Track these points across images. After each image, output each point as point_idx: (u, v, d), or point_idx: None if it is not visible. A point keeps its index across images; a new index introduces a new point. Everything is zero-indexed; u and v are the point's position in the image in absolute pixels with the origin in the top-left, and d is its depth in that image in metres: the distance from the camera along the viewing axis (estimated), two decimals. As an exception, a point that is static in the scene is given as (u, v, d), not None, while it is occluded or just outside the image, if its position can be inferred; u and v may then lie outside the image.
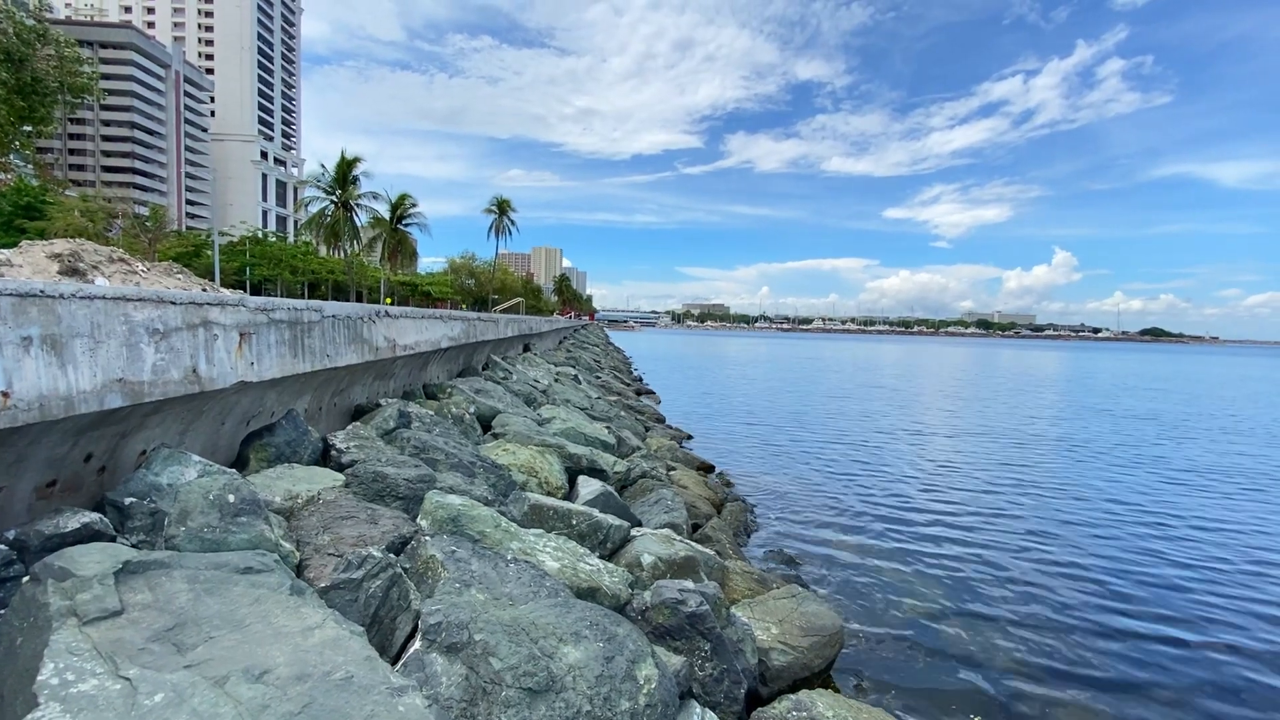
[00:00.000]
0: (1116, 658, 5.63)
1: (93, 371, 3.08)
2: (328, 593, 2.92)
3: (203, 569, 2.64)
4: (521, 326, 23.05)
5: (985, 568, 7.65)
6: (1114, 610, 6.54)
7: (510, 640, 2.85)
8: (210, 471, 3.46)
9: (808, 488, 11.51)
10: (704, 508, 8.53)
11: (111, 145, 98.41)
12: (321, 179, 45.92)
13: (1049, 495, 11.12)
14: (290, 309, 5.05)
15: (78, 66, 26.94)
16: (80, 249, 13.21)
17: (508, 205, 67.89)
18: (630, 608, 4.15)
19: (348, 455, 5.10)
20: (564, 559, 4.30)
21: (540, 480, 6.78)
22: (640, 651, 3.26)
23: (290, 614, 2.59)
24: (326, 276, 61.62)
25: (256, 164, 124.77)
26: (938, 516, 9.73)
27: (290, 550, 3.21)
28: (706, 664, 3.96)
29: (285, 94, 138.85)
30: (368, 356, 6.78)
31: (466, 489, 5.14)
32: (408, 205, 52.26)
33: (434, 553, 3.49)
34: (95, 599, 2.26)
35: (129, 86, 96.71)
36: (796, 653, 4.70)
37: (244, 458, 4.73)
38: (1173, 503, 10.85)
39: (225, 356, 4.17)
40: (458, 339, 11.19)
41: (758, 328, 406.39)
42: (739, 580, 5.96)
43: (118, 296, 3.26)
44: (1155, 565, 7.80)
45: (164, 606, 2.38)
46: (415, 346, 8.55)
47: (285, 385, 5.27)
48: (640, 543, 5.35)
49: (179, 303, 3.71)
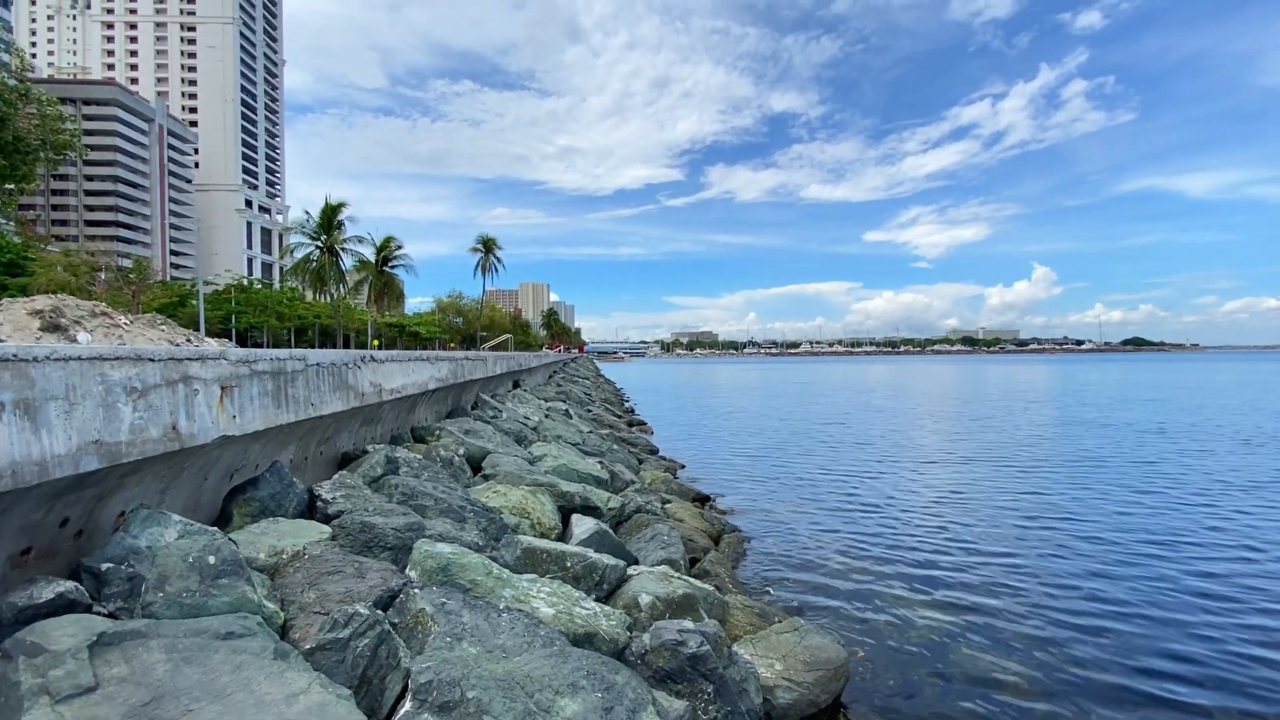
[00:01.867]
0: (1130, 678, 5.53)
1: (68, 434, 3.01)
2: (313, 654, 2.82)
3: (181, 637, 2.54)
4: (510, 363, 22.99)
5: (991, 591, 7.54)
6: (1128, 631, 6.41)
7: (504, 696, 2.75)
8: (190, 531, 3.36)
9: (805, 515, 11.40)
10: (701, 540, 8.42)
11: (95, 199, 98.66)
12: (306, 225, 46.12)
13: (1054, 515, 10.96)
14: (273, 359, 5.00)
15: (60, 124, 27.12)
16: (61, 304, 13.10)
17: (493, 243, 68.42)
18: (629, 651, 4.05)
19: (334, 505, 4.99)
20: (559, 604, 4.20)
21: (533, 521, 6.67)
22: (640, 699, 3.16)
23: (274, 680, 2.50)
24: (313, 321, 61.47)
25: (241, 212, 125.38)
26: (938, 539, 9.64)
27: (274, 610, 3.11)
28: (710, 707, 3.84)
29: (269, 143, 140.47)
30: (354, 403, 6.71)
31: (456, 535, 5.04)
32: (393, 247, 52.50)
33: (423, 606, 3.39)
34: (69, 675, 2.17)
35: (112, 141, 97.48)
36: (802, 689, 4.59)
37: (227, 513, 4.62)
38: (1193, 518, 10.60)
39: (206, 411, 4.10)
40: (445, 380, 11.12)
41: (746, 353, 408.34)
42: (739, 615, 5.85)
43: (94, 356, 3.21)
44: (1172, 584, 7.65)
45: (140, 679, 2.28)
46: (402, 390, 8.48)
47: (269, 436, 5.19)
48: (637, 582, 5.25)
49: (158, 359, 3.66)
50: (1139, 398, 37.74)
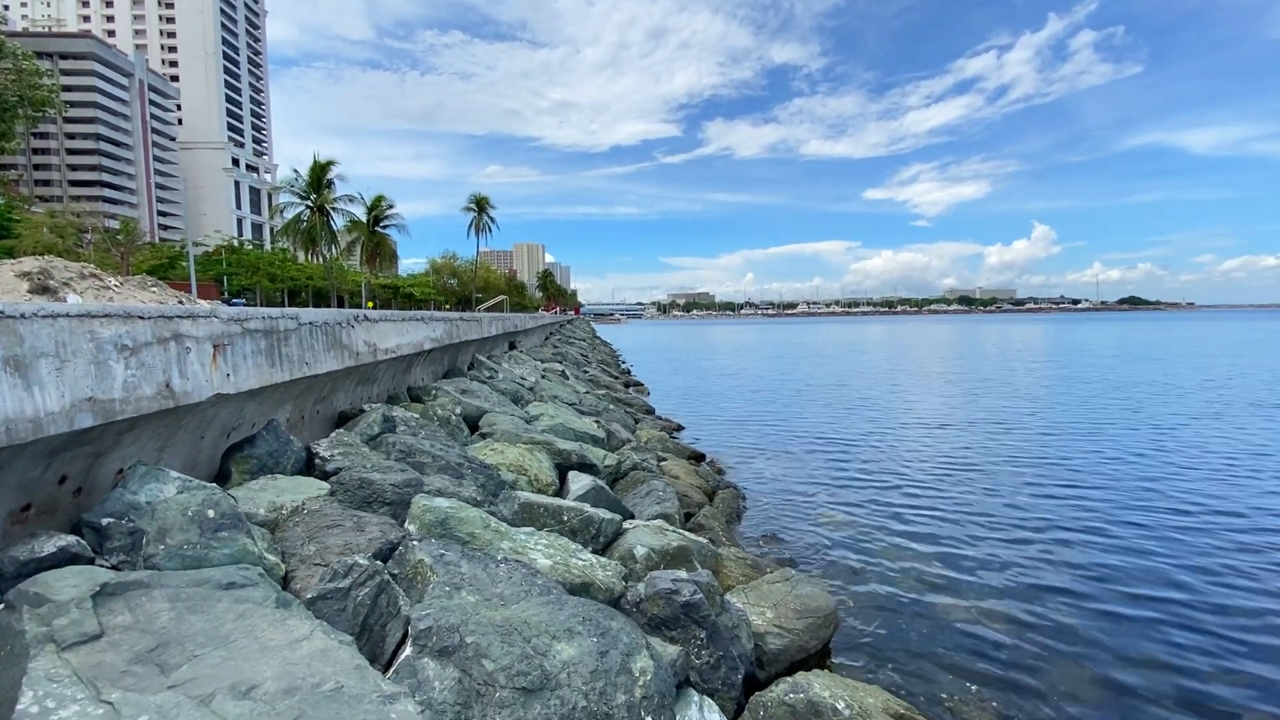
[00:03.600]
0: (1114, 627, 5.70)
1: (60, 391, 3.01)
2: (315, 603, 2.88)
3: (184, 587, 2.60)
4: (506, 324, 22.92)
5: (980, 546, 7.72)
6: (1113, 583, 6.56)
7: (502, 641, 2.84)
8: (189, 487, 3.40)
9: (799, 472, 11.58)
10: (696, 496, 8.56)
11: (77, 158, 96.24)
12: (295, 184, 45.19)
13: (1049, 475, 11.04)
14: (265, 318, 4.97)
15: (37, 79, 26.25)
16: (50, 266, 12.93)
17: (486, 202, 67.31)
18: (625, 600, 4.16)
19: (332, 463, 5.04)
20: (556, 556, 4.29)
21: (530, 478, 6.75)
22: (635, 644, 3.26)
23: (277, 627, 2.56)
24: (306, 282, 60.85)
25: (228, 171, 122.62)
26: (931, 497, 9.81)
27: (275, 562, 3.17)
28: (703, 652, 3.97)
29: (254, 99, 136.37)
30: (348, 362, 6.70)
31: (455, 491, 5.11)
32: (384, 207, 51.65)
33: (422, 557, 3.46)
34: (73, 623, 2.22)
35: (92, 98, 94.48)
36: (792, 635, 4.74)
37: (225, 471, 4.66)
38: (1188, 478, 10.57)
39: (199, 370, 4.09)
40: (440, 340, 11.10)
41: (744, 315, 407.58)
42: (733, 566, 5.99)
43: (82, 314, 3.18)
44: (1161, 539, 7.76)
45: (145, 627, 2.34)
46: (397, 350, 8.46)
47: (264, 395, 5.19)
48: (633, 535, 5.36)
49: (148, 317, 3.63)
50: (1139, 356, 37.94)
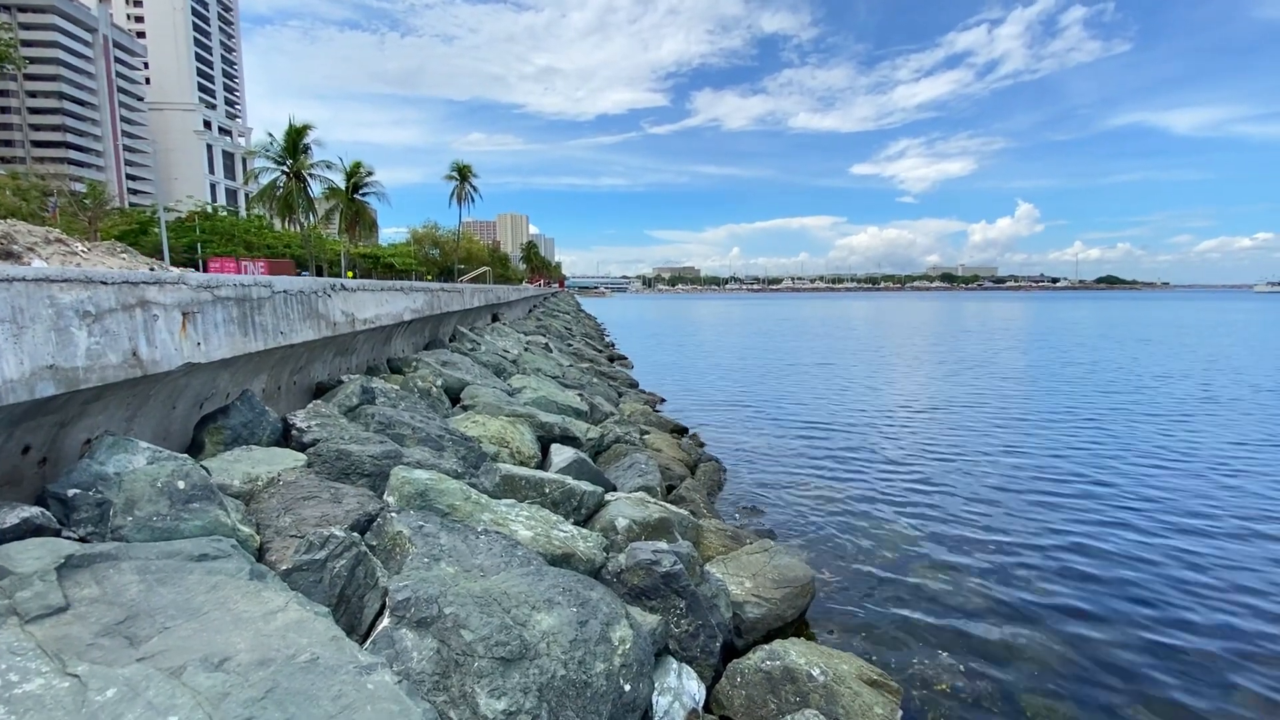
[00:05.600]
0: (1088, 600, 5.85)
1: (19, 359, 2.90)
2: (290, 575, 2.85)
3: (154, 559, 2.54)
4: (489, 296, 22.65)
5: (956, 518, 7.87)
6: (1090, 556, 6.72)
7: (481, 611, 2.83)
8: (159, 458, 3.32)
9: (779, 446, 11.69)
10: (678, 469, 8.61)
11: (40, 118, 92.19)
12: (270, 149, 43.74)
13: (1027, 450, 11.21)
14: (237, 285, 4.83)
15: (-8, 32, 24.93)
16: (13, 230, 12.44)
17: (469, 171, 65.88)
18: (605, 571, 4.18)
19: (309, 434, 4.97)
20: (537, 527, 4.29)
21: (512, 450, 6.73)
22: (614, 614, 3.28)
23: (251, 599, 2.53)
24: (283, 251, 59.43)
25: (200, 134, 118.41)
26: (909, 471, 9.97)
27: (249, 534, 3.13)
28: (682, 621, 4.02)
29: (225, 58, 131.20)
30: (325, 332, 6.57)
31: (435, 463, 5.07)
32: (364, 174, 50.29)
33: (401, 529, 3.44)
34: (36, 596, 2.16)
35: (54, 54, 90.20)
36: (770, 604, 4.82)
37: (199, 442, 4.57)
38: (1164, 454, 10.72)
39: (168, 338, 3.97)
40: (421, 311, 10.93)
41: (729, 289, 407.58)
42: (713, 538, 6.06)
43: (39, 278, 3.05)
44: (1136, 515, 7.95)
45: (113, 600, 2.29)
46: (376, 320, 8.32)
47: (238, 365, 5.08)
48: (614, 507, 5.38)
49: (111, 282, 3.50)
50: (1118, 336, 38.69)
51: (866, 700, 3.74)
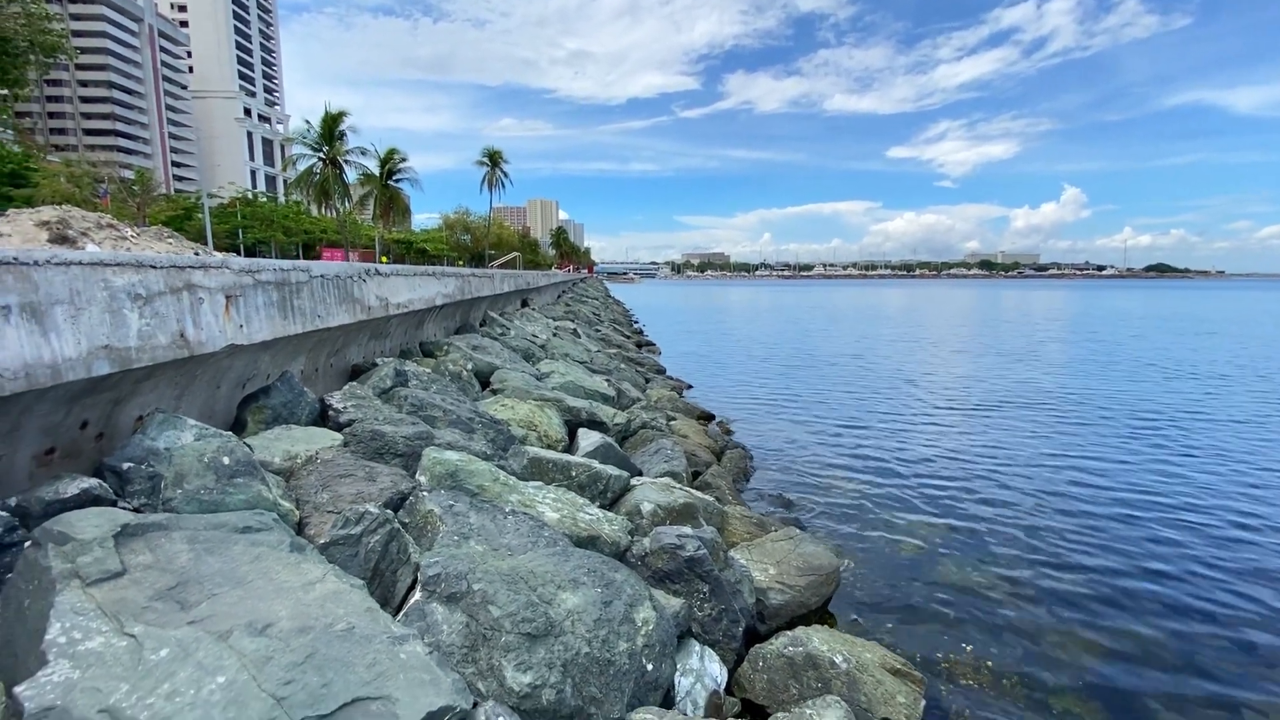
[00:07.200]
0: (1120, 600, 5.71)
1: (76, 339, 3.06)
2: (327, 549, 2.97)
3: (202, 529, 2.68)
4: (519, 281, 22.86)
5: (988, 512, 7.72)
6: (1124, 558, 6.51)
7: (509, 589, 2.92)
8: (205, 434, 3.48)
9: (807, 434, 11.62)
10: (704, 456, 8.63)
11: (91, 107, 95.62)
12: (307, 135, 44.68)
13: (1066, 447, 10.80)
14: (276, 269, 4.99)
15: (46, 23, 25.84)
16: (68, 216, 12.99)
17: (499, 156, 66.30)
18: (630, 554, 4.25)
19: (345, 415, 5.12)
20: (563, 509, 4.37)
21: (540, 434, 6.83)
22: (638, 595, 3.34)
23: (291, 570, 2.65)
24: (320, 236, 60.84)
25: (240, 121, 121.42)
26: (942, 464, 9.80)
27: (289, 509, 3.26)
28: (705, 605, 4.07)
29: (264, 45, 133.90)
30: (360, 316, 6.74)
31: (465, 445, 5.19)
32: (397, 160, 51.03)
33: (432, 507, 3.55)
34: (96, 561, 2.30)
35: (102, 44, 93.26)
36: (794, 592, 4.83)
37: (241, 420, 4.75)
38: (1211, 460, 10.05)
39: (213, 320, 4.13)
40: (453, 296, 11.11)
41: (758, 276, 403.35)
42: (738, 524, 6.08)
43: (95, 262, 3.20)
44: (1173, 513, 7.70)
45: (165, 566, 2.43)
46: (409, 305, 8.49)
47: (278, 347, 5.26)
48: (640, 491, 5.44)
49: (160, 266, 3.65)
50: (1177, 328, 37.19)
51: (889, 689, 3.75)
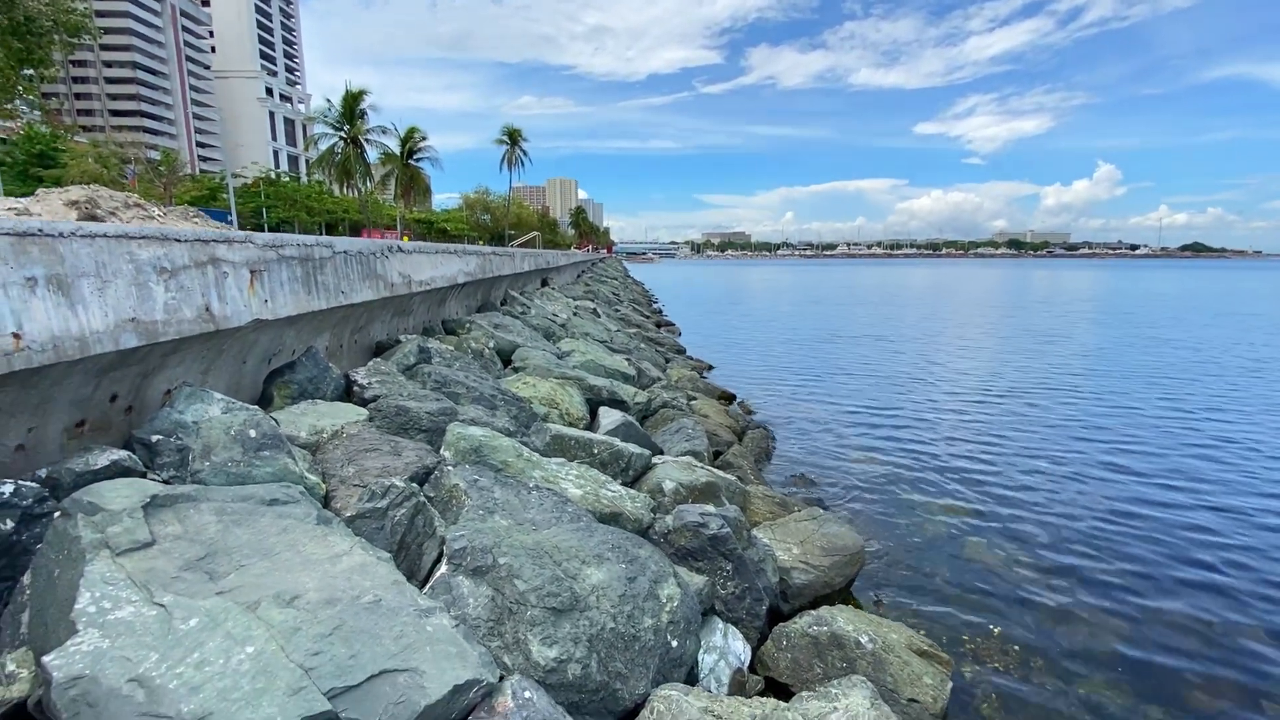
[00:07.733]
0: (1151, 587, 5.57)
1: (104, 311, 3.06)
2: (354, 521, 2.98)
3: (230, 501, 2.69)
4: (539, 261, 22.82)
5: (1015, 495, 7.56)
6: (1153, 544, 6.33)
7: (534, 563, 2.90)
8: (233, 408, 3.49)
9: (830, 415, 11.47)
10: (725, 435, 8.57)
11: (116, 88, 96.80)
12: (329, 114, 44.81)
13: (1098, 429, 10.51)
14: (300, 245, 4.98)
15: (70, 3, 26.05)
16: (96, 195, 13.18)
17: (519, 135, 65.91)
18: (653, 531, 4.22)
19: (370, 390, 5.14)
20: (586, 486, 4.35)
21: (561, 412, 6.81)
22: (662, 572, 3.31)
23: (318, 542, 2.65)
24: (342, 216, 61.31)
25: (262, 101, 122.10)
26: (966, 445, 9.62)
27: (316, 482, 3.27)
28: (729, 583, 4.03)
29: (285, 25, 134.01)
30: (383, 293, 6.74)
31: (488, 421, 5.18)
32: (417, 139, 51.02)
33: (457, 481, 3.54)
34: (126, 531, 2.32)
35: (126, 24, 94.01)
36: (817, 571, 4.77)
37: (268, 395, 4.79)
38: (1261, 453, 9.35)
39: (238, 294, 4.14)
40: (474, 274, 11.10)
41: (780, 255, 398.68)
42: (760, 504, 6.03)
43: (120, 235, 3.20)
44: (1196, 501, 7.44)
45: (194, 537, 2.44)
46: (432, 282, 8.49)
47: (302, 323, 5.27)
48: (661, 470, 5.40)
49: (184, 240, 3.65)
50: (1218, 308, 36.05)
51: (916, 670, 3.69)
